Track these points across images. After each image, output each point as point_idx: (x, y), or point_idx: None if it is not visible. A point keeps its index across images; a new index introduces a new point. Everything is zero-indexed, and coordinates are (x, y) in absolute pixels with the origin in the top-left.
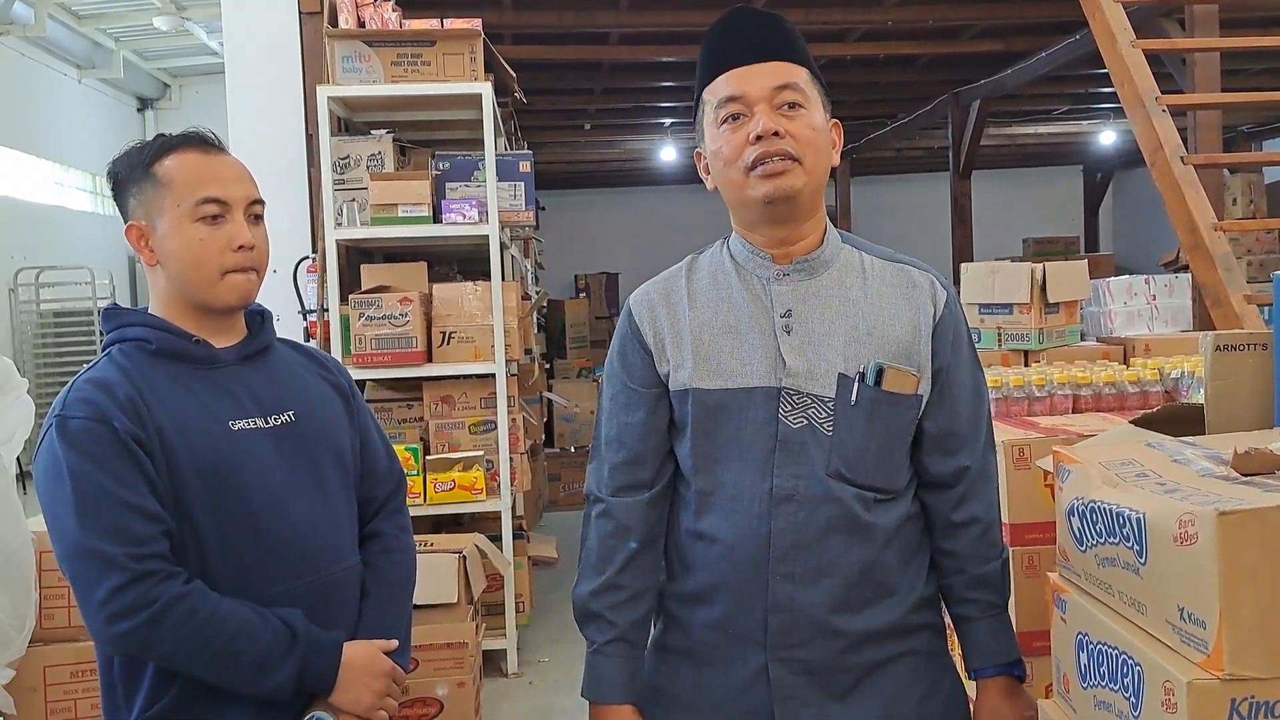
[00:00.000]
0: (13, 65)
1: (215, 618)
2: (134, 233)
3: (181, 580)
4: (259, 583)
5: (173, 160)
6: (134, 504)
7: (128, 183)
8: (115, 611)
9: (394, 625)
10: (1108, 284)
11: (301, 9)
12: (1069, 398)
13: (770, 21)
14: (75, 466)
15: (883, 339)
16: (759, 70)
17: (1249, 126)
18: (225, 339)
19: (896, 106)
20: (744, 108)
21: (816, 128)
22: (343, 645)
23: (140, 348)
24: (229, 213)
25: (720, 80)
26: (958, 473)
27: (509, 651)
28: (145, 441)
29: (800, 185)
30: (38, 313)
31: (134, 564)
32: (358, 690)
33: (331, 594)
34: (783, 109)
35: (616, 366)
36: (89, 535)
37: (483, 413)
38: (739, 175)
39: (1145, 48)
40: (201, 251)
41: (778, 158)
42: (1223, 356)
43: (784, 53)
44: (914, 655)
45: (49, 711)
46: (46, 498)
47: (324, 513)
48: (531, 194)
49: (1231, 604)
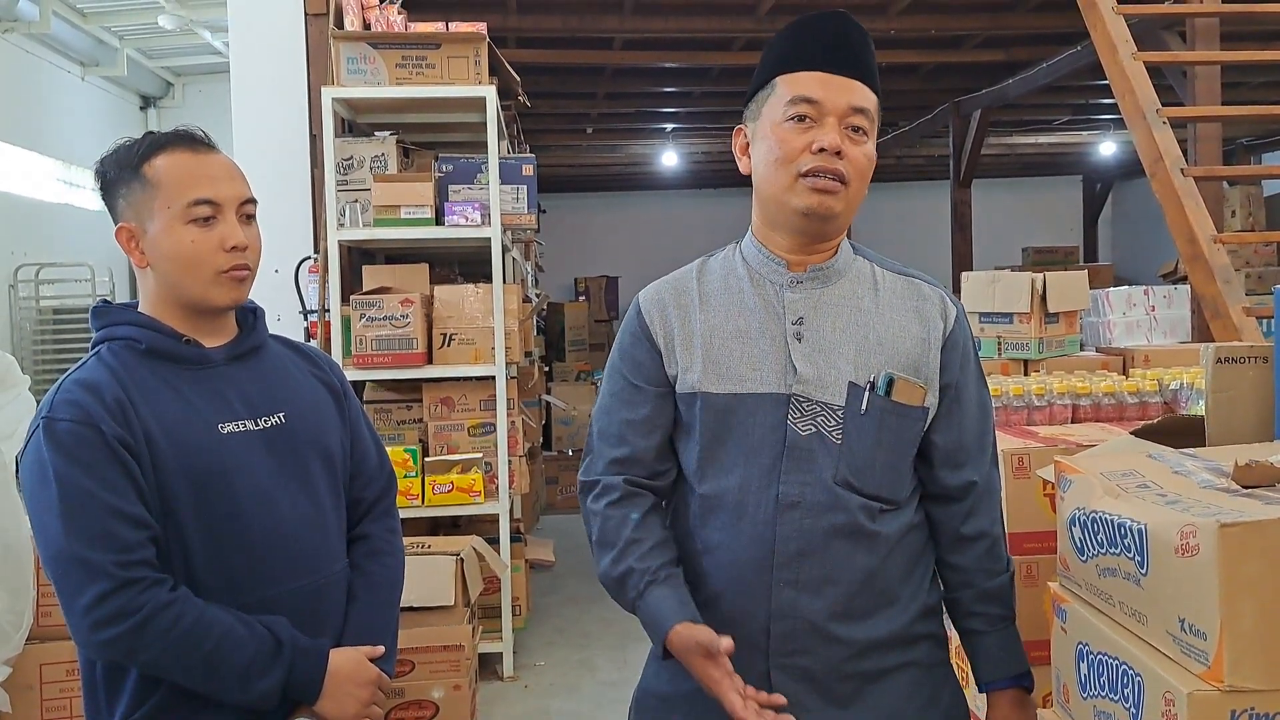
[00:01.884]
0: (16, 62)
1: (200, 625)
2: (124, 234)
3: (167, 587)
4: (246, 588)
5: (162, 160)
6: (120, 510)
7: (116, 183)
8: (100, 618)
9: (381, 631)
10: (1107, 294)
11: (307, 10)
12: (1068, 407)
13: (864, 39)
14: (61, 471)
15: (893, 350)
16: (845, 84)
17: (1249, 139)
18: (216, 338)
19: (898, 115)
20: (816, 114)
21: (870, 157)
22: (328, 653)
23: (129, 347)
24: (220, 213)
25: (802, 76)
26: (965, 487)
27: (505, 654)
28: (133, 446)
29: (840, 209)
30: (37, 309)
31: (119, 571)
32: (343, 699)
33: (319, 599)
34: (848, 130)
35: (621, 363)
36: (74, 541)
37: (482, 415)
38: (788, 177)
39: (1146, 60)
40: (194, 254)
41: (830, 176)
42: (1224, 369)
43: (869, 76)
44: (915, 665)
45: (45, 709)
46: (32, 501)
47: (312, 517)
48: (534, 197)
49: (1232, 615)
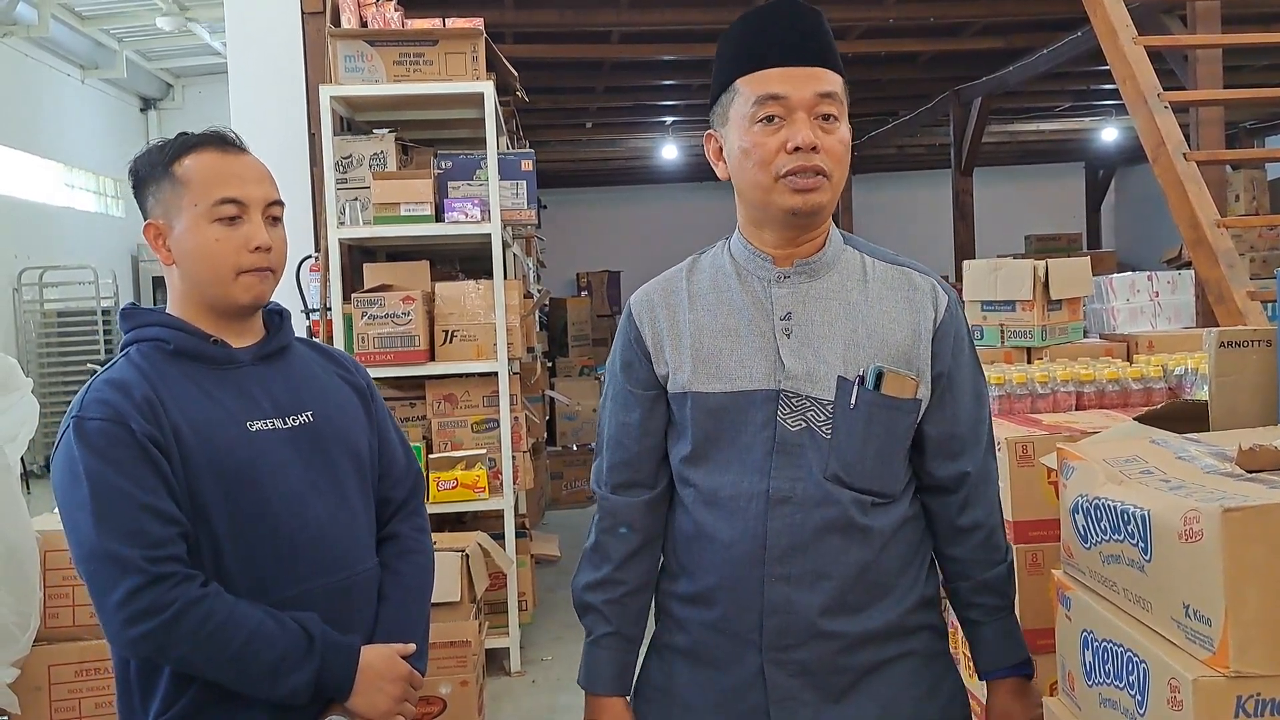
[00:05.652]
0: (16, 65)
1: (231, 621)
2: (151, 231)
3: (198, 583)
4: (276, 585)
5: (192, 160)
6: (151, 506)
7: (147, 181)
8: (131, 614)
9: (411, 629)
10: (1110, 280)
11: (304, 9)
12: (1072, 395)
13: (818, 22)
14: (92, 468)
15: (882, 342)
16: (808, 74)
17: (1251, 123)
18: (243, 339)
19: (898, 104)
20: (784, 111)
21: (845, 142)
22: (360, 649)
23: (158, 348)
24: (246, 213)
25: (762, 75)
26: (959, 477)
27: (512, 650)
28: (162, 443)
29: (826, 201)
30: (41, 312)
31: (150, 566)
32: (374, 695)
33: (349, 596)
34: (819, 119)
35: (617, 366)
36: (106, 538)
37: (485, 411)
38: (768, 179)
39: (1147, 44)
40: (217, 251)
41: (811, 174)
42: (1227, 353)
43: (827, 59)
44: (913, 656)
45: (53, 710)
46: (64, 499)
47: (341, 514)
48: (533, 192)
49: (1237, 601)
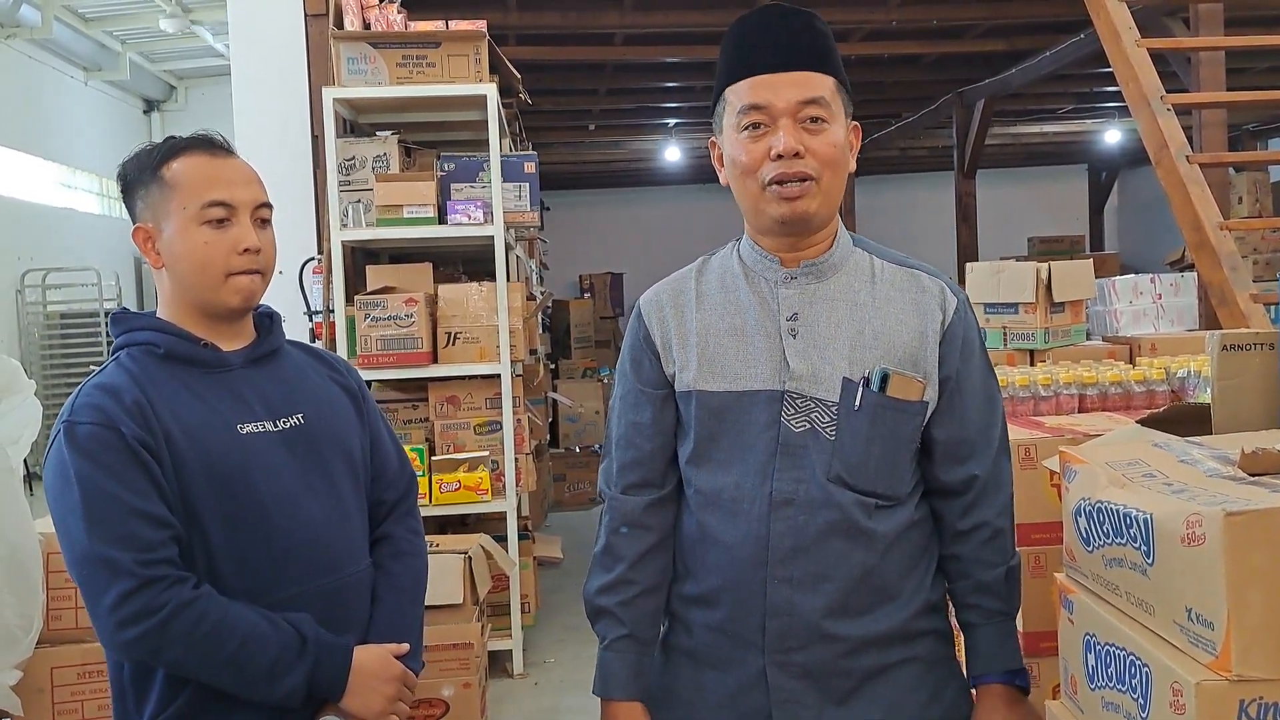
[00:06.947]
0: (19, 67)
1: (224, 623)
2: (140, 235)
3: (190, 585)
4: (269, 586)
5: (180, 163)
6: (142, 510)
7: (136, 185)
8: (124, 617)
9: (405, 629)
10: (1113, 283)
11: (307, 11)
12: (1075, 397)
13: (802, 25)
14: (83, 472)
15: (889, 344)
16: (787, 81)
17: (1254, 125)
18: (233, 342)
19: (901, 106)
20: (767, 118)
21: (837, 144)
22: (353, 650)
23: (148, 352)
24: (235, 216)
25: (745, 85)
26: (967, 481)
27: (514, 652)
28: (153, 446)
29: (815, 208)
30: (44, 314)
31: (142, 570)
32: (368, 695)
33: (342, 597)
34: (805, 123)
35: (627, 366)
36: (97, 541)
37: (488, 413)
38: (756, 187)
39: (1150, 46)
40: (206, 254)
41: (796, 180)
42: (1229, 356)
43: (812, 61)
44: (917, 661)
45: (56, 712)
46: (55, 504)
47: (334, 516)
48: (536, 194)
49: (1239, 605)
